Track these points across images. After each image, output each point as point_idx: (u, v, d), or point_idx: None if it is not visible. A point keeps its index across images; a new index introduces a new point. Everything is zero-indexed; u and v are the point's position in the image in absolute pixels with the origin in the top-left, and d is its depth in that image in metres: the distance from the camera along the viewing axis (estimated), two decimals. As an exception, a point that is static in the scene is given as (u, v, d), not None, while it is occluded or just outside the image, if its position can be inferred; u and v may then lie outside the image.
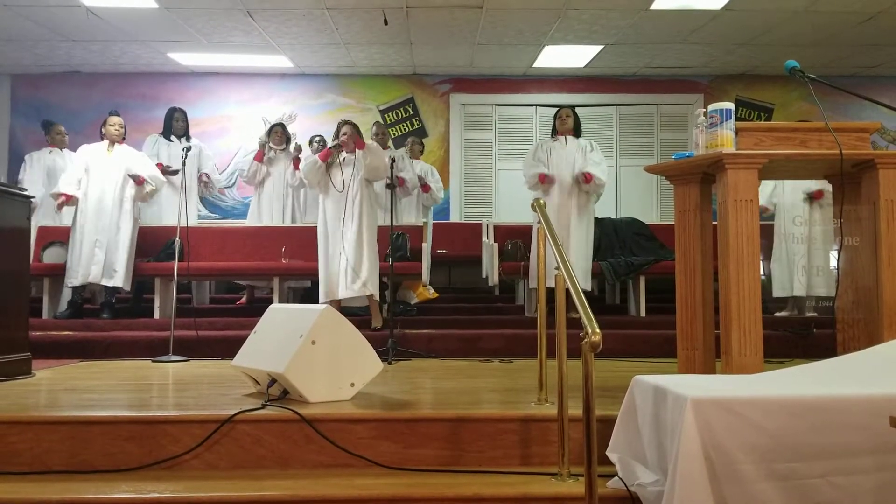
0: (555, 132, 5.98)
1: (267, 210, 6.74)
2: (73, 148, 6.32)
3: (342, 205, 5.23)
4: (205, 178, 6.87)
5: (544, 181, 5.80)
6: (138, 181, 5.82)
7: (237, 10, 6.74)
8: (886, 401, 1.95)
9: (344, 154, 5.32)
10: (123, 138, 5.92)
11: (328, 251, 5.26)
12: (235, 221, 8.13)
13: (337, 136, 5.35)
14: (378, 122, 6.39)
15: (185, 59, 8.26)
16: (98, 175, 5.74)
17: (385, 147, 6.68)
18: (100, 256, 5.64)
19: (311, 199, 7.16)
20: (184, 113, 6.89)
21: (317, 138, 7.35)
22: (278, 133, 6.77)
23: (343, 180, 5.23)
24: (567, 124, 5.89)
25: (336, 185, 5.25)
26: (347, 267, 5.14)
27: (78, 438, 2.59)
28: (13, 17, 6.85)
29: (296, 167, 6.62)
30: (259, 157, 6.69)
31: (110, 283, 5.70)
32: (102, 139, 5.87)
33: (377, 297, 5.33)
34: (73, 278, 5.65)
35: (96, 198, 5.70)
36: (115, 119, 5.87)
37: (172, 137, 6.75)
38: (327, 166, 5.31)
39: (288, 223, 6.70)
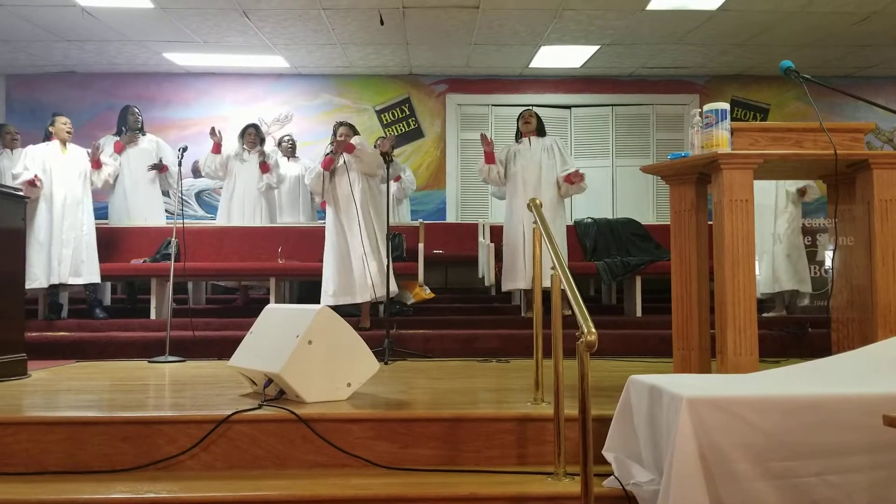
0: (518, 134, 5.99)
1: (238, 212, 6.60)
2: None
3: (352, 210, 5.24)
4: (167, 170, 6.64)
5: (492, 160, 5.83)
6: (95, 164, 5.88)
7: (233, 11, 6.73)
8: (880, 399, 1.97)
9: (343, 158, 5.32)
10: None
11: (342, 256, 5.24)
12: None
13: (334, 136, 5.35)
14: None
15: (181, 59, 8.24)
16: (58, 175, 5.72)
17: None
18: (66, 255, 5.60)
19: (287, 200, 7.12)
20: (137, 109, 6.74)
21: (286, 138, 7.34)
22: (251, 134, 6.64)
23: (349, 184, 5.23)
24: (531, 125, 5.92)
25: (341, 192, 5.27)
26: (367, 272, 5.15)
27: (74, 439, 2.58)
28: (8, 17, 6.83)
29: (263, 171, 6.51)
30: (216, 149, 6.51)
31: (85, 281, 5.69)
32: (50, 140, 5.82)
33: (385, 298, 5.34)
34: (34, 280, 5.48)
35: (60, 197, 5.68)
36: (63, 119, 5.88)
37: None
38: (331, 173, 5.31)
39: (258, 223, 6.56)
